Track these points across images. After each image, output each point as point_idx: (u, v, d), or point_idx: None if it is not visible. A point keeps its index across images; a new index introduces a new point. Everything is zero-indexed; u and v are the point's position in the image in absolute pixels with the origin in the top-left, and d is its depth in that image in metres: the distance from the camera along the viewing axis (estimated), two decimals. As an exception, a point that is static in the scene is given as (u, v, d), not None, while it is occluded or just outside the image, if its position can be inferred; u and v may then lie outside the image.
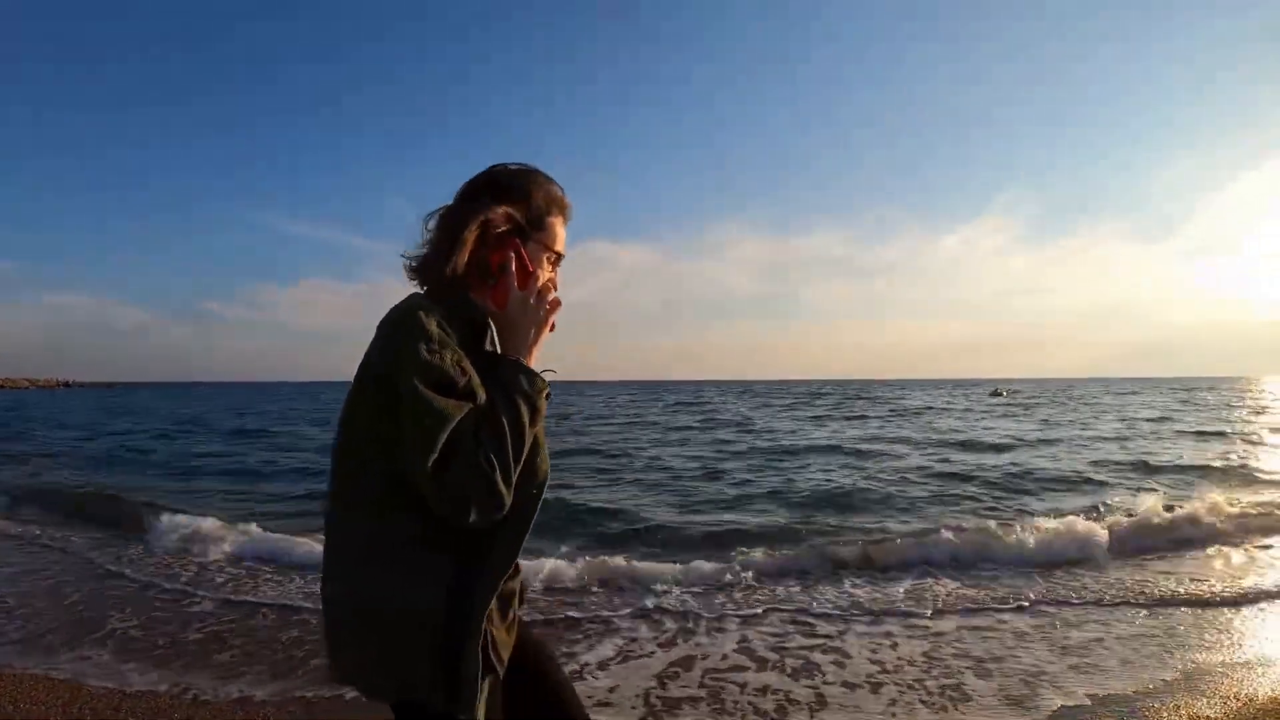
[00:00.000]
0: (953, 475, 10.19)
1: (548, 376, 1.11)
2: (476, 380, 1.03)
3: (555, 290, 1.18)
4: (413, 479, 0.98)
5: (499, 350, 1.13)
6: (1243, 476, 9.97)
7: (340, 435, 1.08)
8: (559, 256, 1.19)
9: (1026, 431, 17.61)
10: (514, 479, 1.01)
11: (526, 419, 1.04)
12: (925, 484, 9.49)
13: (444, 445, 0.96)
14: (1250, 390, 50.55)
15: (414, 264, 1.14)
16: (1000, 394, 46.93)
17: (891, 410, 28.66)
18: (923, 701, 2.99)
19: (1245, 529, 6.13)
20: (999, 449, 13.71)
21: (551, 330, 1.15)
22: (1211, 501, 6.76)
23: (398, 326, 1.02)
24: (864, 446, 14.33)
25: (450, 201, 1.15)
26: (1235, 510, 6.62)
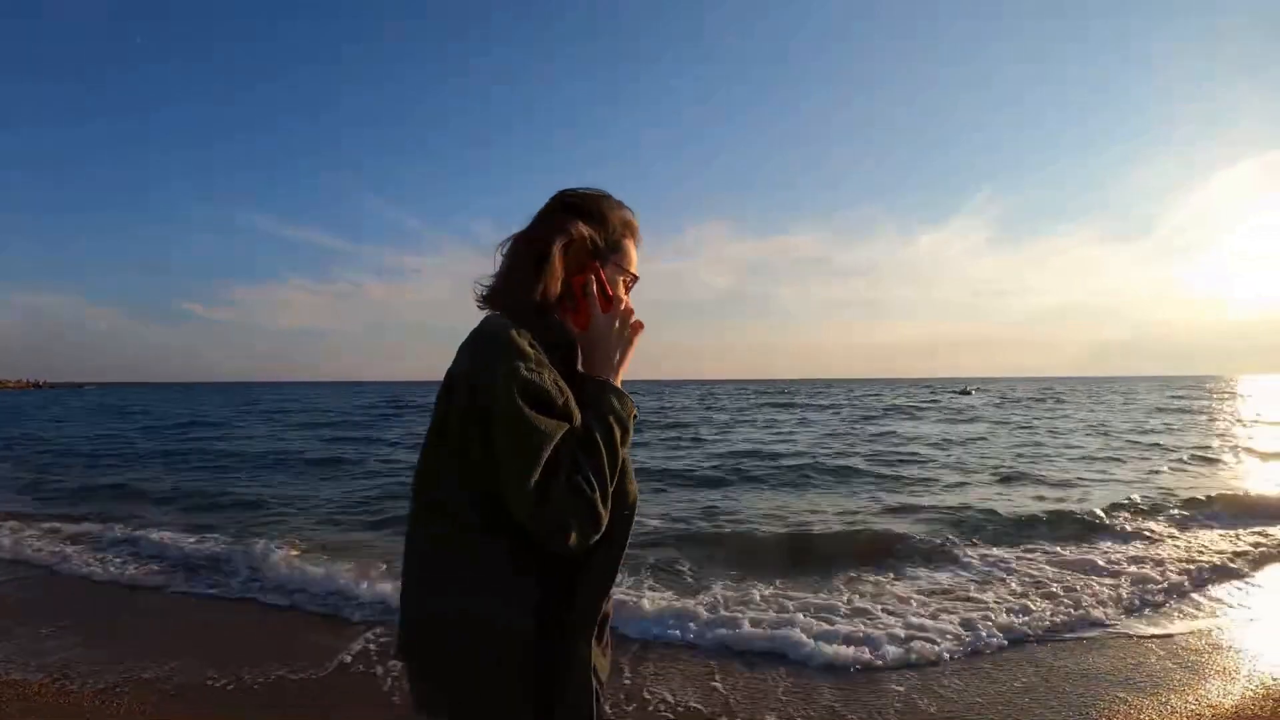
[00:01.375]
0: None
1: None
2: (573, 400, 1.03)
3: (633, 311, 1.17)
4: (509, 500, 0.97)
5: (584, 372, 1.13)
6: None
7: (426, 450, 1.07)
8: (635, 278, 1.20)
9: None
10: (610, 500, 1.01)
11: (619, 439, 1.04)
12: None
13: (543, 467, 0.95)
14: (1217, 391, 51.37)
15: (487, 291, 1.14)
16: (969, 392, 48.86)
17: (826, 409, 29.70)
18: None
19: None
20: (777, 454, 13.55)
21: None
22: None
23: (493, 342, 1.01)
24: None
25: (525, 227, 1.15)
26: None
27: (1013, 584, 4.98)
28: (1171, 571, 5.18)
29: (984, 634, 3.94)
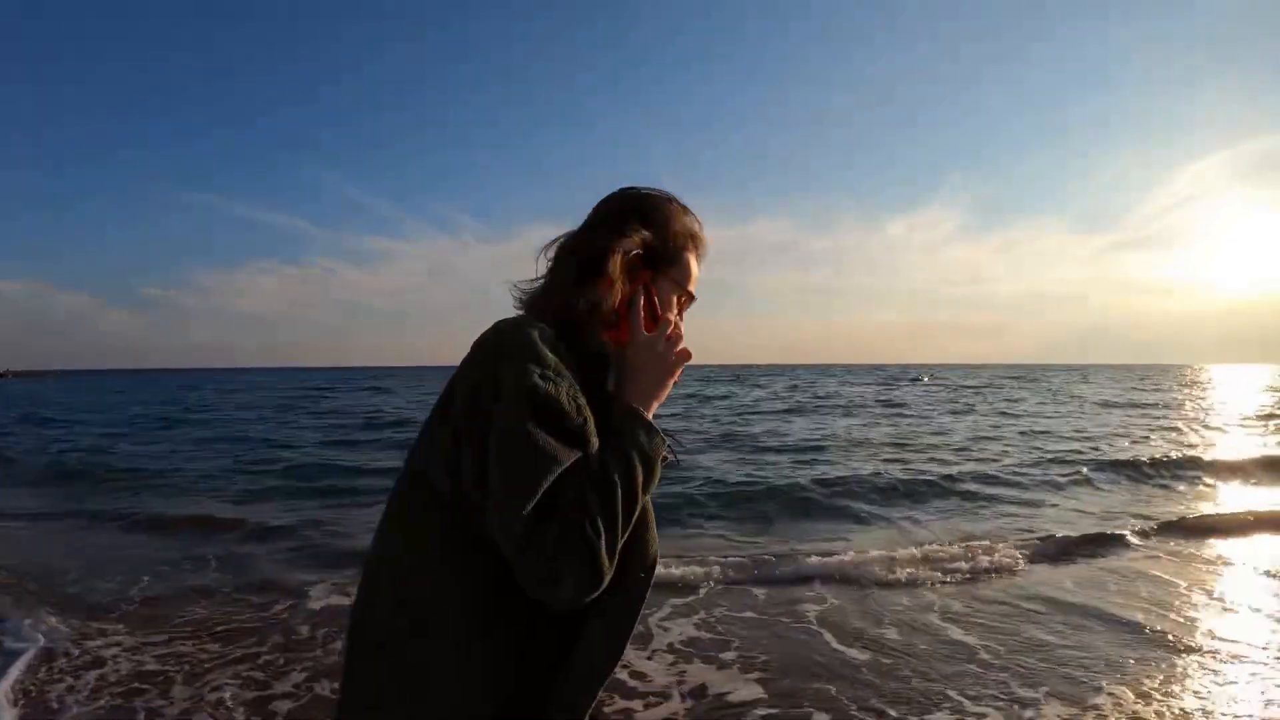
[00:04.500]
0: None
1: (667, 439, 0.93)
2: (593, 425, 0.85)
3: (683, 336, 0.99)
4: (495, 532, 0.79)
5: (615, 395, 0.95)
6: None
7: (411, 458, 0.91)
8: (691, 298, 1.03)
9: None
10: (618, 552, 0.81)
11: (641, 481, 0.85)
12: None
13: (543, 497, 0.77)
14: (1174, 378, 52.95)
15: (527, 296, 0.98)
16: (922, 379, 49.11)
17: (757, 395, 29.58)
18: None
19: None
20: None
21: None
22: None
23: (506, 339, 0.85)
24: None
25: (576, 229, 1.00)
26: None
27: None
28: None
29: None
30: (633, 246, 0.95)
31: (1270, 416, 17.51)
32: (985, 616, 4.14)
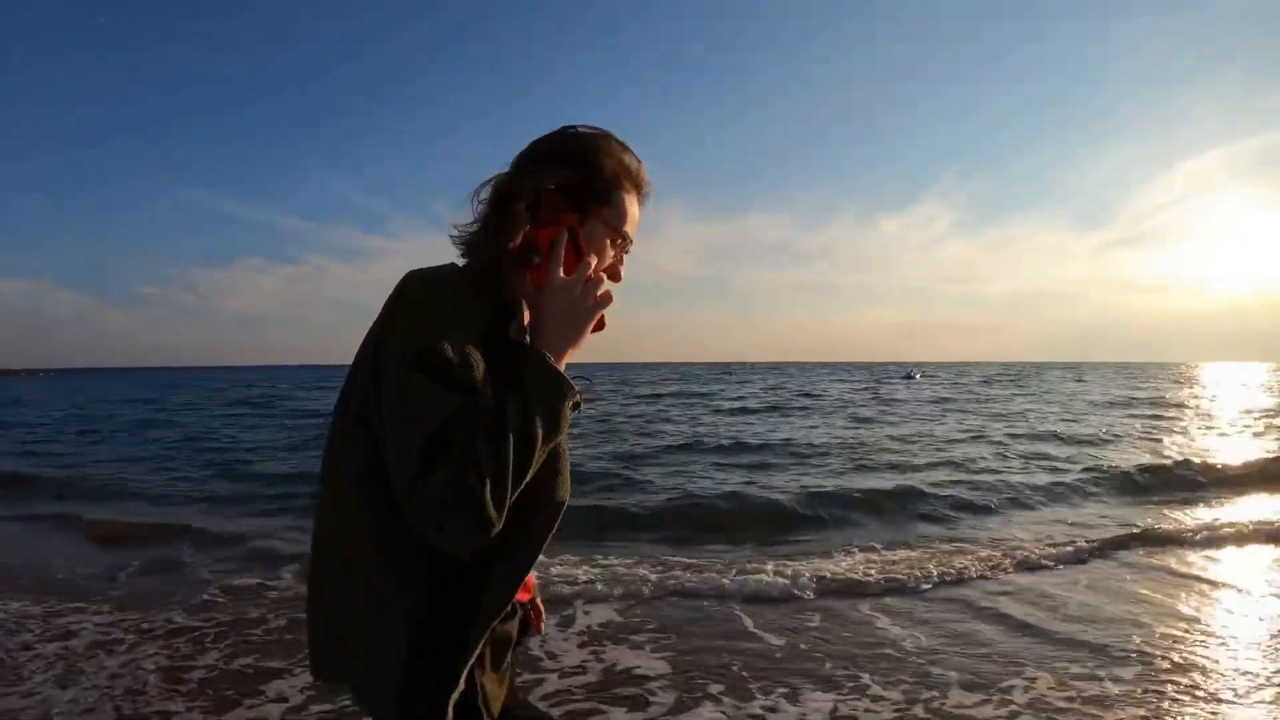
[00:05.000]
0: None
1: (578, 384, 0.91)
2: (482, 370, 0.85)
3: (618, 279, 1.00)
4: (392, 481, 0.83)
5: (528, 342, 0.93)
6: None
7: (334, 419, 0.95)
8: (626, 239, 1.00)
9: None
10: (508, 501, 0.81)
11: (540, 430, 0.84)
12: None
13: (427, 444, 0.78)
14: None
15: (462, 238, 0.98)
16: (913, 376, 48.99)
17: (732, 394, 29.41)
18: None
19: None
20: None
21: (599, 329, 0.96)
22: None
23: (399, 296, 0.90)
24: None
25: (505, 169, 0.98)
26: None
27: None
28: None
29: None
30: (546, 185, 0.94)
31: (1262, 416, 17.03)
32: (919, 614, 4.00)
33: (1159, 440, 12.64)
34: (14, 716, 2.78)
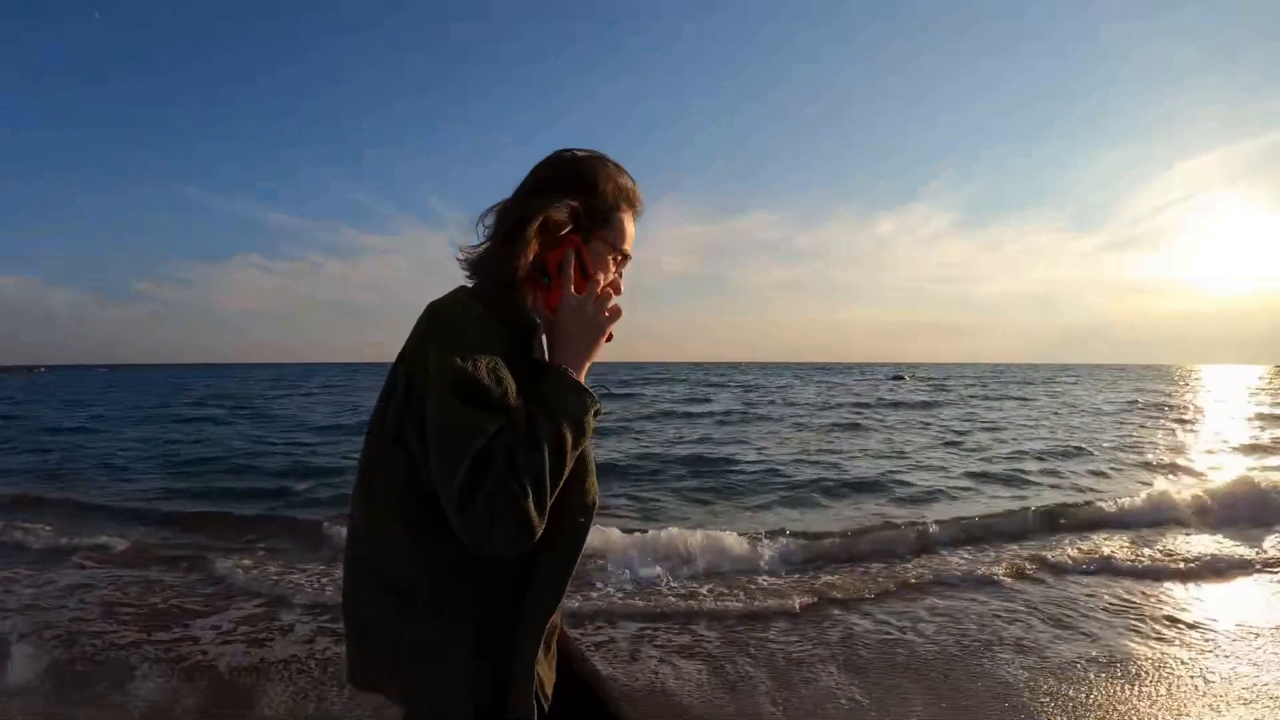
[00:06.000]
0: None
1: (598, 393, 1.01)
2: (514, 390, 0.94)
3: (619, 294, 1.09)
4: (441, 499, 0.90)
5: (547, 359, 1.03)
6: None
7: (369, 435, 1.03)
8: (625, 257, 1.10)
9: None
10: (548, 506, 0.90)
11: (570, 438, 0.93)
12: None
13: (471, 463, 0.87)
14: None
15: (470, 260, 1.07)
16: (902, 378, 47.97)
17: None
18: None
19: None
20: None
21: (609, 340, 1.05)
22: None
23: (431, 322, 0.97)
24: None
25: (510, 195, 1.07)
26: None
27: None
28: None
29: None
30: (553, 211, 1.00)
31: (1234, 425, 15.96)
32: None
33: (1141, 445, 11.48)
34: None
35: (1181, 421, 16.53)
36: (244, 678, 3.09)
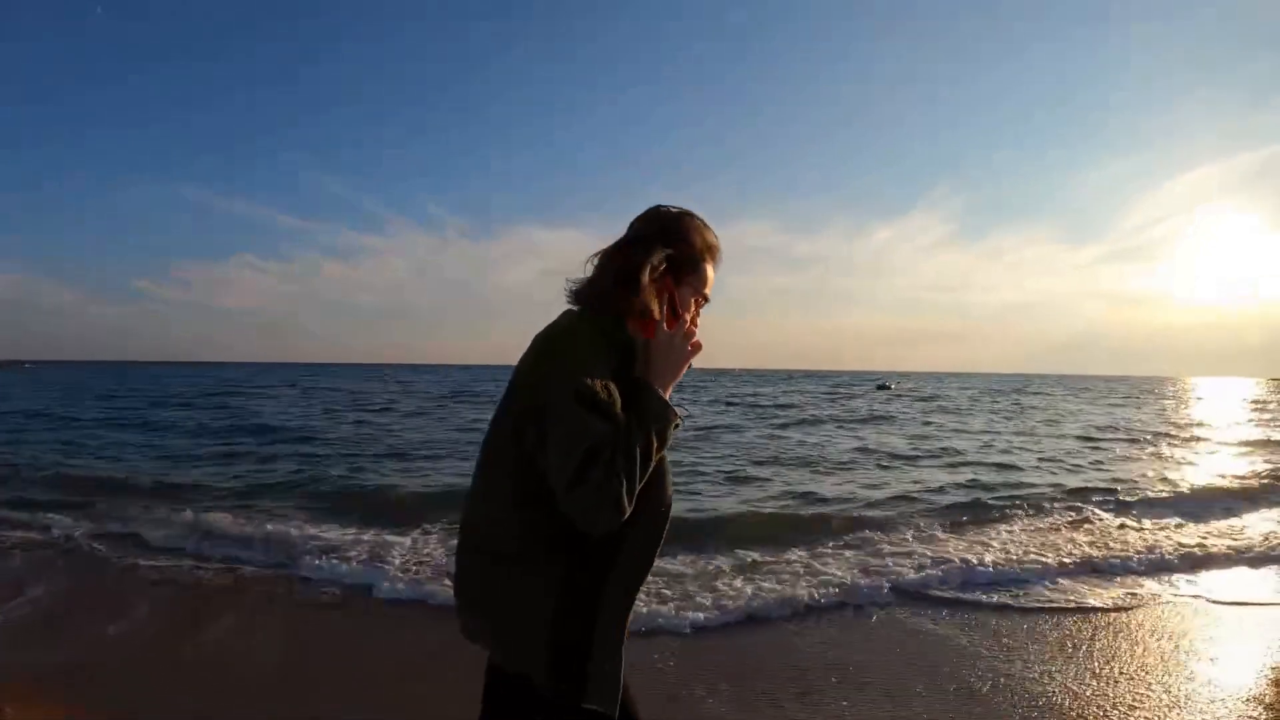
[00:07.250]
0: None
1: (679, 410, 1.23)
2: (619, 402, 1.16)
3: (697, 330, 1.31)
4: (552, 482, 1.11)
5: (642, 378, 1.24)
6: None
7: (491, 429, 1.26)
8: (706, 300, 1.34)
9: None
10: (635, 495, 1.12)
11: (655, 443, 1.16)
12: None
13: (583, 456, 1.08)
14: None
15: (577, 289, 1.28)
16: (887, 387, 46.89)
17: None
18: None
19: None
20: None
21: (688, 369, 1.28)
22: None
23: (556, 341, 1.23)
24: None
25: (612, 243, 1.30)
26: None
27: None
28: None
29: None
30: (659, 262, 1.25)
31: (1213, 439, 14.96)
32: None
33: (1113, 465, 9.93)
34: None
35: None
36: None
